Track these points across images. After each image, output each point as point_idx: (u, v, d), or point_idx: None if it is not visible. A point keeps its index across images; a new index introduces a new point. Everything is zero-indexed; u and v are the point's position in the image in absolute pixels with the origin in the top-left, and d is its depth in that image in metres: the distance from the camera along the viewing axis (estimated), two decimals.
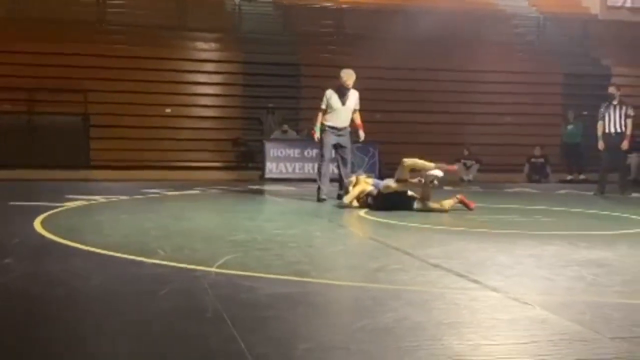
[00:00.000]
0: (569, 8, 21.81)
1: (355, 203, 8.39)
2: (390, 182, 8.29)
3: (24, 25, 16.44)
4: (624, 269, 4.59)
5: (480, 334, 2.98)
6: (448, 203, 8.23)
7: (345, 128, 9.60)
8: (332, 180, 9.82)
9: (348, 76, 9.50)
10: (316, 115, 9.65)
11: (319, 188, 9.41)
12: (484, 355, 2.71)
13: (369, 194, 8.35)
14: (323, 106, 9.55)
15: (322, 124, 9.52)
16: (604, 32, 20.48)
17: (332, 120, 9.50)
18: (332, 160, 9.70)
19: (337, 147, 9.58)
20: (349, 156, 9.73)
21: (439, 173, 8.16)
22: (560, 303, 3.58)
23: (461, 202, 8.27)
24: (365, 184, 8.52)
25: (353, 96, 9.58)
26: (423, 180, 8.15)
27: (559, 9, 21.50)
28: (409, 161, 8.19)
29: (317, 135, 9.57)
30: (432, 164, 8.24)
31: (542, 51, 19.92)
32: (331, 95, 9.51)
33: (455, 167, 8.26)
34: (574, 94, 18.33)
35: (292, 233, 6.12)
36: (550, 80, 18.90)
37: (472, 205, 8.26)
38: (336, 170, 9.84)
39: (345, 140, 9.62)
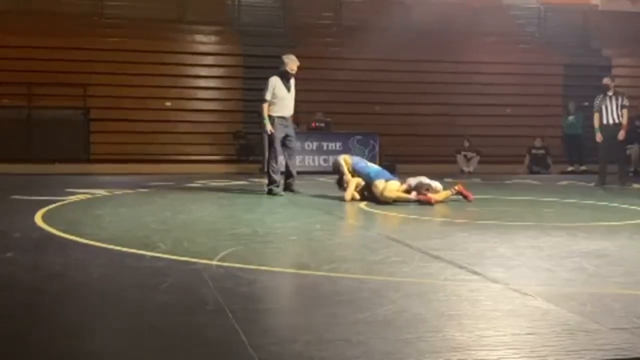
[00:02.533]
0: None
1: (357, 196, 8.36)
2: (394, 187, 8.06)
3: (23, 19, 16.41)
4: (624, 260, 4.59)
5: (481, 326, 2.97)
6: (444, 194, 8.21)
7: (290, 117, 9.25)
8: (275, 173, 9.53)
9: (293, 62, 9.14)
10: (262, 107, 9.16)
11: (272, 183, 9.05)
12: (485, 346, 2.71)
13: (364, 188, 8.32)
14: (268, 96, 9.06)
15: (269, 116, 9.06)
16: (605, 22, 20.43)
17: (279, 110, 9.08)
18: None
19: (283, 138, 9.18)
20: (295, 146, 9.38)
21: (438, 184, 8.11)
22: (561, 294, 3.58)
23: (459, 193, 8.25)
24: (357, 179, 8.42)
25: (293, 83, 9.22)
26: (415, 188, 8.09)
27: (559, 0, 21.44)
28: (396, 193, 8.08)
29: (269, 127, 9.06)
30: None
31: (542, 42, 19.88)
32: (276, 83, 9.10)
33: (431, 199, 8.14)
34: (574, 85, 18.30)
35: (292, 226, 6.12)
36: (551, 72, 18.87)
37: (471, 197, 8.24)
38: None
39: (291, 130, 9.29)
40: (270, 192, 9.06)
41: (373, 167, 8.65)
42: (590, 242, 5.23)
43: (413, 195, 7.99)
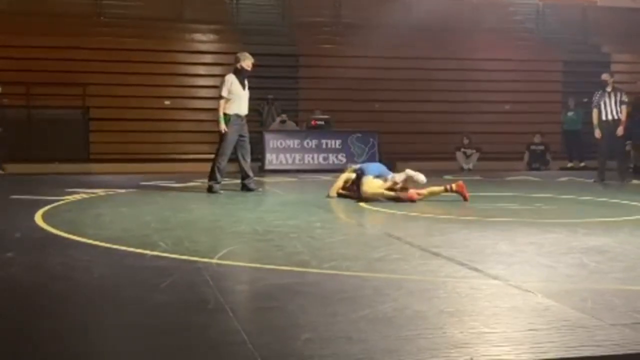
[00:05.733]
0: None
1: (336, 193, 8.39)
2: (375, 184, 7.99)
3: (22, 19, 16.39)
4: (624, 256, 4.59)
5: (481, 322, 2.98)
6: (437, 190, 8.16)
7: (246, 116, 9.22)
8: (228, 173, 9.54)
9: (248, 59, 9.12)
10: (219, 105, 9.07)
11: (214, 180, 9.00)
12: (486, 343, 2.71)
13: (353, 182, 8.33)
14: (224, 93, 8.97)
15: (225, 114, 8.98)
16: (604, 18, 20.42)
17: (236, 109, 9.01)
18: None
19: (237, 138, 9.11)
20: (248, 146, 9.27)
21: (422, 178, 8.04)
22: (561, 290, 3.59)
23: (457, 192, 8.15)
24: (349, 173, 8.48)
25: (247, 83, 9.19)
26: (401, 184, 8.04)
27: None
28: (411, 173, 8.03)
29: (222, 126, 8.97)
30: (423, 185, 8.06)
31: (541, 39, 19.87)
32: (232, 81, 9.03)
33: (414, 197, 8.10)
34: (573, 81, 18.29)
35: (292, 224, 6.12)
36: (550, 68, 18.86)
37: (468, 196, 8.07)
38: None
39: (246, 129, 9.22)
40: (210, 190, 9.03)
41: (369, 165, 8.68)
42: (591, 238, 5.24)
43: (394, 191, 7.93)
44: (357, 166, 8.74)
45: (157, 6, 17.93)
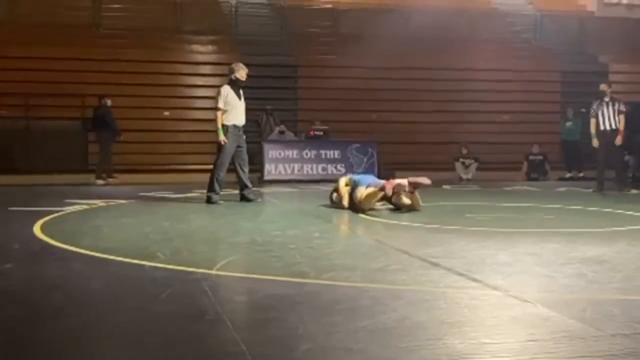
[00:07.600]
0: (565, 5, 21.83)
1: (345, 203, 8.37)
2: (370, 190, 7.90)
3: (21, 30, 16.43)
4: (623, 266, 4.58)
5: (481, 333, 2.97)
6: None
7: (243, 126, 9.26)
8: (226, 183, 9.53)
9: (243, 69, 9.19)
10: (217, 117, 9.08)
11: (212, 191, 9.03)
12: (486, 354, 2.71)
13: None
14: (221, 104, 9.00)
15: (223, 125, 9.00)
16: (601, 29, 20.50)
17: (233, 119, 9.05)
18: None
19: (235, 148, 9.15)
20: (246, 156, 9.31)
21: (426, 181, 7.98)
22: (561, 300, 3.58)
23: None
24: (346, 187, 8.42)
25: (242, 93, 9.23)
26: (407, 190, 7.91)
27: (555, 7, 21.52)
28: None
29: (222, 138, 8.98)
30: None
31: (539, 49, 19.94)
32: (228, 92, 9.06)
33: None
34: (572, 91, 18.34)
35: (291, 234, 6.12)
36: (548, 78, 18.92)
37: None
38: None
39: (243, 140, 9.27)
40: (208, 200, 9.03)
41: (361, 177, 8.66)
42: (589, 248, 5.23)
43: (388, 190, 7.82)
44: (348, 177, 8.70)
45: (156, 17, 17.99)
